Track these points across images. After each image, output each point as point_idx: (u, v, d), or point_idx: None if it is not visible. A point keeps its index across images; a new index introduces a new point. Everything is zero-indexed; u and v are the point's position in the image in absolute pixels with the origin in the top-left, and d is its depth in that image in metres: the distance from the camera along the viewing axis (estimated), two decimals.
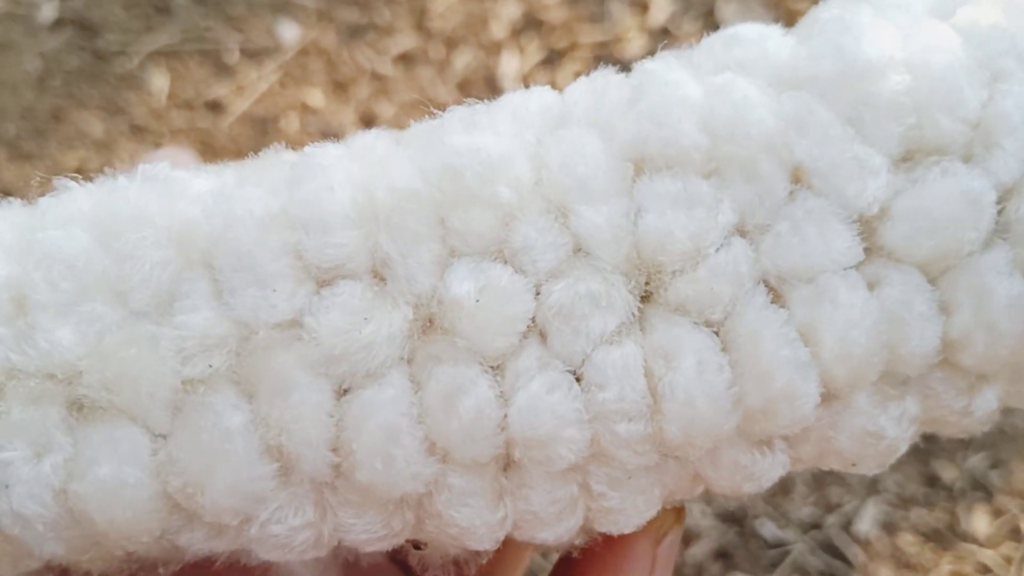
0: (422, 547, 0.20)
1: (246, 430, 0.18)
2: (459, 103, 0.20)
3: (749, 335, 0.18)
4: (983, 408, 0.20)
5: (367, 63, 0.84)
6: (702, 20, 0.81)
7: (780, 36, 0.20)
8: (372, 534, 0.19)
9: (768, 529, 0.61)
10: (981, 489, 0.63)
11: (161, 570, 0.20)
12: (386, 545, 0.20)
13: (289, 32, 0.87)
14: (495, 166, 0.18)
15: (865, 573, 0.60)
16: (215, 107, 0.82)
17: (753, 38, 0.20)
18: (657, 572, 0.25)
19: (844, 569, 0.60)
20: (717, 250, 0.18)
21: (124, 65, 0.85)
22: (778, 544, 0.61)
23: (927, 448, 0.66)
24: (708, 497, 0.66)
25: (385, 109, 0.81)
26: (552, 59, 0.83)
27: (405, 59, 0.85)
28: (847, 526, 0.62)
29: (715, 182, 0.19)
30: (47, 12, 0.88)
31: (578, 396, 0.18)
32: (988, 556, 0.60)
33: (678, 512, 0.25)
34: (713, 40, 0.21)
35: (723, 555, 0.60)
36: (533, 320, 0.19)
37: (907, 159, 0.19)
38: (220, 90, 0.83)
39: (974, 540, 0.61)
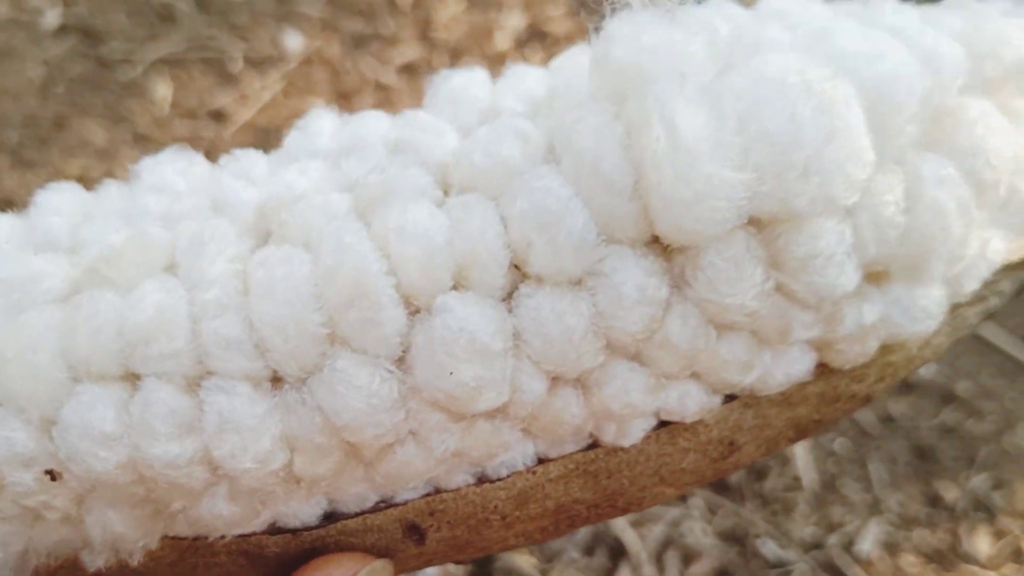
0: None
1: None
2: None
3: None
4: None
5: (371, 73, 0.84)
6: None
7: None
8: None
9: (769, 548, 0.61)
10: (983, 510, 0.63)
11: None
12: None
13: (293, 41, 0.86)
14: None
15: None
16: (218, 116, 0.82)
17: None
18: None
19: None
20: None
21: (127, 73, 0.85)
22: (779, 564, 0.61)
23: (929, 468, 0.65)
24: (709, 516, 0.65)
25: None
26: None
27: (409, 69, 0.85)
28: (849, 546, 0.61)
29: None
30: (51, 19, 0.88)
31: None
32: None
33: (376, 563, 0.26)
34: None
35: (724, 574, 0.60)
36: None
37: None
38: (223, 99, 0.83)
39: (976, 561, 0.61)
